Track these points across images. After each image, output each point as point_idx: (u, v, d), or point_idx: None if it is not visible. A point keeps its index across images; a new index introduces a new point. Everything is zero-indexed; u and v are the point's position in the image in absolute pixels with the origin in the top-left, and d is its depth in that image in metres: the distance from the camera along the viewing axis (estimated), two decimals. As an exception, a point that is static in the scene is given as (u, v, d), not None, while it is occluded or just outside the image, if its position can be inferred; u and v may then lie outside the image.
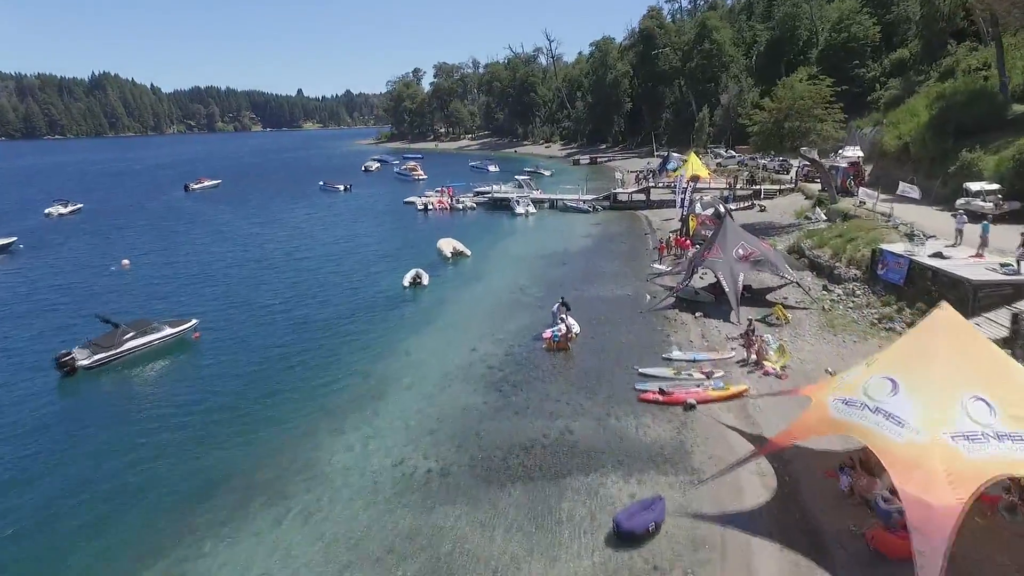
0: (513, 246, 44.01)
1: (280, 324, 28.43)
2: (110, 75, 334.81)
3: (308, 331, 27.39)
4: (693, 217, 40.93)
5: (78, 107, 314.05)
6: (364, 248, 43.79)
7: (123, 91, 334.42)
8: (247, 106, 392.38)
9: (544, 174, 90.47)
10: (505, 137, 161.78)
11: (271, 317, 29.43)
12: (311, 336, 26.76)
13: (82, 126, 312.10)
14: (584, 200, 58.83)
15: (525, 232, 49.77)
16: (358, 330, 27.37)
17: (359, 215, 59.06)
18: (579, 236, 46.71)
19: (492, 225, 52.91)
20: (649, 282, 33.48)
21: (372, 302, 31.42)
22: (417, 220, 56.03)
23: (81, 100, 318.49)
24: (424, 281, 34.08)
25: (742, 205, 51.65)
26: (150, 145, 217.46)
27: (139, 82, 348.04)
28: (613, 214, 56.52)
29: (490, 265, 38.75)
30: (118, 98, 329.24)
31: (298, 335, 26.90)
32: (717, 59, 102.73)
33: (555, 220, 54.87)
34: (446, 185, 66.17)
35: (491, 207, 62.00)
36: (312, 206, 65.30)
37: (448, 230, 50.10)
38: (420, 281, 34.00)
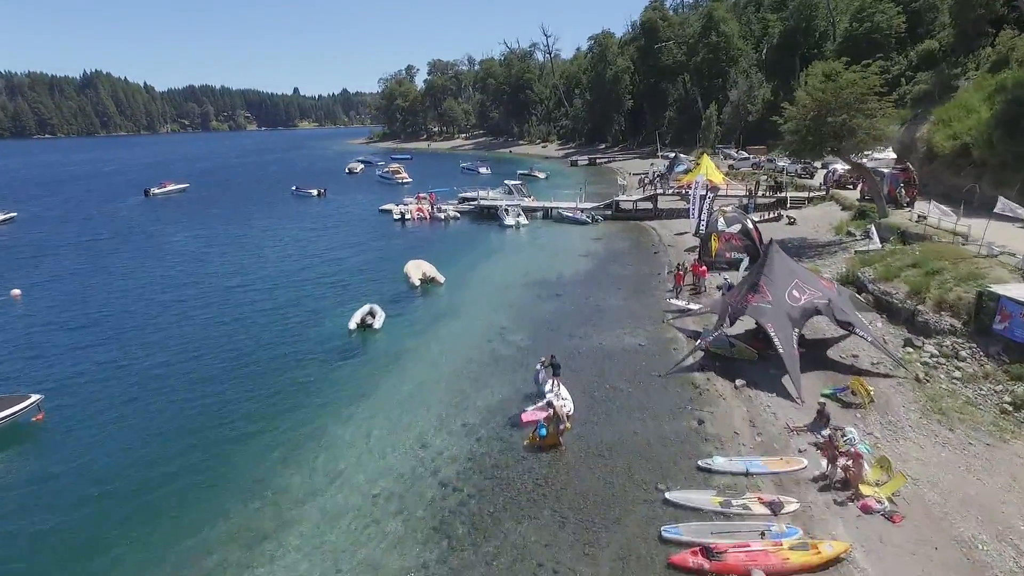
0: (497, 269, 36.17)
1: (166, 400, 20.47)
2: (102, 73, 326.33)
3: (194, 419, 19.06)
4: (716, 236, 33.09)
5: (68, 106, 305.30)
6: (318, 272, 35.92)
7: (115, 90, 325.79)
8: (242, 105, 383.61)
9: (538, 176, 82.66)
10: (500, 136, 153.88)
11: (159, 385, 21.46)
12: (195, 429, 18.38)
13: (72, 125, 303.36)
14: (582, 209, 50.99)
15: (513, 249, 41.96)
16: (262, 413, 19.10)
17: (326, 226, 51.20)
18: (576, 255, 38.90)
19: (476, 239, 45.08)
20: (666, 324, 25.75)
21: (300, 359, 23.50)
22: (391, 232, 48.20)
23: (72, 99, 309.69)
24: (376, 323, 26.25)
25: (766, 216, 43.84)
26: (137, 145, 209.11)
27: (132, 81, 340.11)
28: (616, 225, 48.71)
29: (465, 296, 30.96)
30: (110, 97, 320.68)
31: (180, 422, 18.86)
32: (725, 53, 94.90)
33: (549, 233, 47.05)
34: (428, 191, 58.34)
35: (477, 216, 54.21)
36: (277, 215, 57.44)
37: (423, 246, 42.31)
38: (371, 323, 26.19)
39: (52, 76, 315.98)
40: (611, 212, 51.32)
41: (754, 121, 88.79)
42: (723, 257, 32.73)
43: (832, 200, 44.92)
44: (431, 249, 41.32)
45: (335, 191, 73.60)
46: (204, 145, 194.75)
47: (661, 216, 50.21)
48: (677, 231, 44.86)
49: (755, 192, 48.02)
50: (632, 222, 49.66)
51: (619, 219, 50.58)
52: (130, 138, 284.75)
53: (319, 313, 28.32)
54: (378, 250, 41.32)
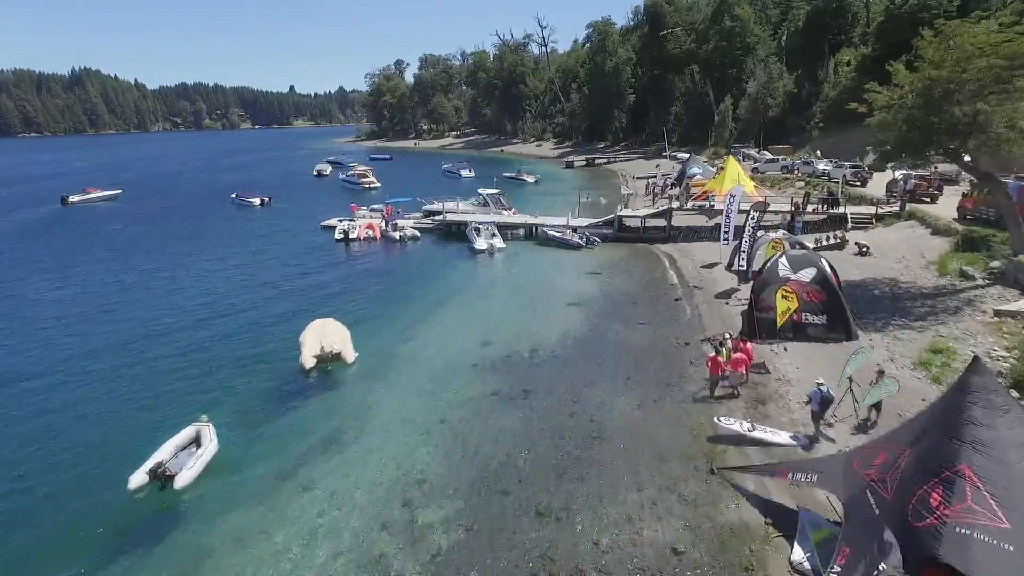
0: (445, 331, 23.91)
1: None
2: (91, 71, 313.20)
3: None
4: (783, 288, 20.74)
5: (55, 104, 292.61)
6: (169, 345, 23.15)
7: (104, 87, 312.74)
8: (236, 103, 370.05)
9: (527, 180, 70.42)
10: (493, 134, 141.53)
11: None
12: None
13: (60, 124, 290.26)
14: (575, 228, 38.79)
15: (478, 290, 29.65)
16: None
17: (248, 250, 38.94)
18: (563, 303, 26.66)
19: (431, 272, 32.88)
20: (718, 476, 13.64)
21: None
22: (324, 259, 35.95)
23: (59, 97, 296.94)
24: (187, 473, 14.05)
25: (822, 243, 31.67)
26: (116, 144, 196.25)
27: (123, 78, 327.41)
28: (618, 250, 36.49)
29: (377, 394, 18.75)
30: (99, 95, 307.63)
31: None
32: (739, 40, 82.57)
33: (530, 262, 34.84)
34: (384, 202, 46.07)
35: (444, 235, 42.04)
36: (199, 233, 45.22)
37: (356, 285, 30.13)
38: (169, 471, 14.04)
39: (40, 73, 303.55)
40: (612, 231, 39.15)
41: (774, 117, 76.48)
42: (794, 327, 20.55)
43: (912, 219, 32.70)
44: (364, 291, 29.14)
45: (287, 198, 61.38)
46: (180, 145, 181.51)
47: (677, 237, 38.03)
48: (702, 260, 32.65)
49: (803, 207, 35.74)
50: (640, 245, 37.47)
51: (622, 240, 38.43)
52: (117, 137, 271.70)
53: (106, 450, 15.93)
54: (291, 294, 29.01)
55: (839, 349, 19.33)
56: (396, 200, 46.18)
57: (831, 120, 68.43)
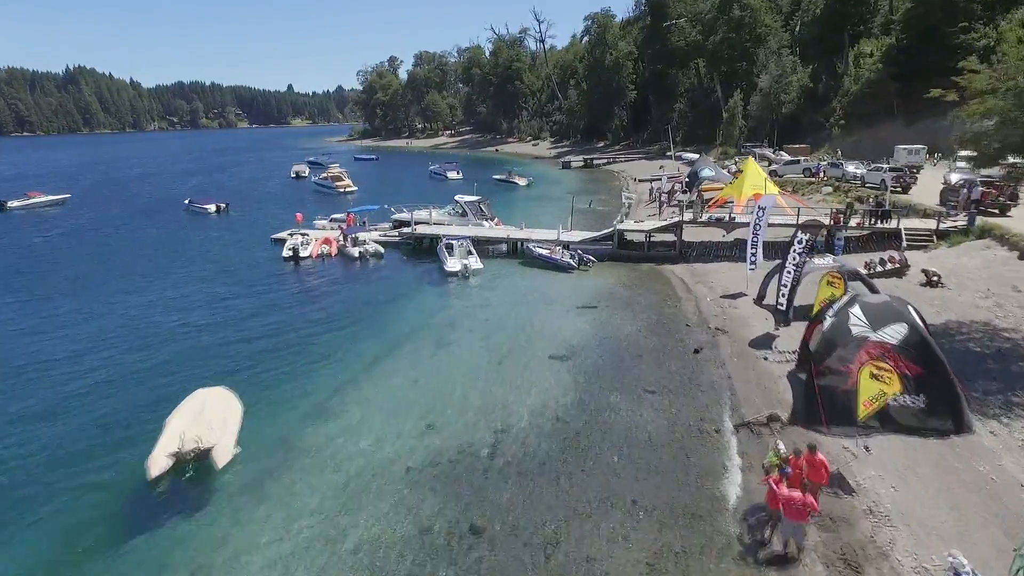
0: (377, 405, 17.03)
1: None
2: (85, 69, 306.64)
3: None
4: (875, 363, 13.87)
5: (49, 103, 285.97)
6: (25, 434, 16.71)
7: (99, 86, 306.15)
8: (233, 102, 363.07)
9: (518, 184, 63.63)
10: (488, 133, 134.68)
11: None
12: None
13: (53, 123, 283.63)
14: (567, 245, 32.01)
15: (436, 336, 22.58)
16: None
17: (166, 272, 32.01)
18: (545, 357, 19.77)
19: (385, 306, 26.05)
20: None
21: None
22: (257, 287, 29.07)
23: (53, 96, 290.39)
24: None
25: (876, 268, 24.86)
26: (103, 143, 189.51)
27: (118, 77, 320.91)
28: (618, 272, 29.68)
29: (245, 528, 12.03)
30: (93, 93, 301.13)
31: None
32: (749, 31, 75.61)
33: (510, 289, 28.02)
34: (348, 210, 39.23)
35: (413, 251, 35.29)
36: (123, 247, 38.54)
37: (283, 324, 23.37)
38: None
39: (34, 72, 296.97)
40: (611, 247, 32.35)
41: (789, 113, 69.58)
42: (899, 419, 13.78)
43: (986, 237, 25.89)
44: (291, 334, 22.33)
45: (250, 204, 54.69)
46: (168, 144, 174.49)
47: (689, 256, 31.22)
48: (723, 288, 25.86)
49: (845, 219, 28.84)
50: (644, 266, 30.66)
51: (623, 259, 31.62)
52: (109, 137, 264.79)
53: None
54: (193, 339, 22.15)
55: (955, 457, 12.59)
56: (361, 208, 39.44)
57: (853, 117, 61.64)
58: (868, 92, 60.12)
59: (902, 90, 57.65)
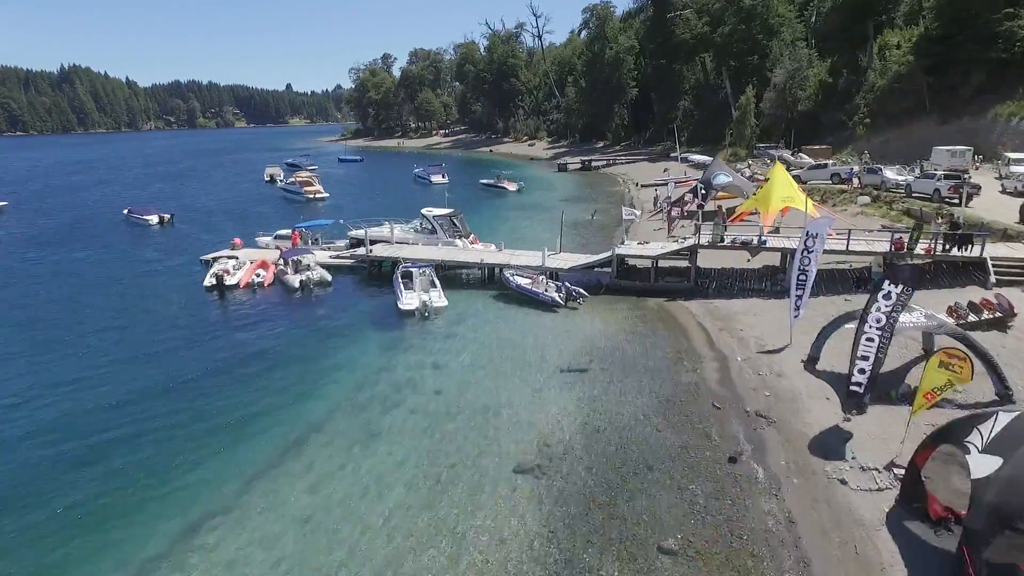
0: (250, 560, 10.60)
1: None
2: (80, 68, 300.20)
3: None
4: None
5: (42, 102, 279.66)
6: None
7: (94, 85, 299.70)
8: (230, 101, 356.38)
9: (508, 189, 56.92)
10: (483, 133, 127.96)
11: None
12: None
13: (47, 122, 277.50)
14: (553, 276, 25.39)
15: (364, 422, 15.67)
16: None
17: (54, 306, 25.63)
18: (509, 471, 13.20)
19: (306, 364, 19.41)
20: None
21: None
22: (158, 332, 22.44)
23: (46, 95, 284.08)
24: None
25: (969, 315, 18.16)
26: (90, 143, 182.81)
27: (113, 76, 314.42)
28: (617, 312, 22.97)
29: None
30: (88, 92, 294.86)
31: None
32: (762, 22, 68.75)
33: (477, 338, 21.34)
34: (294, 226, 32.51)
35: (367, 278, 28.68)
36: (28, 269, 32.06)
37: (153, 402, 16.76)
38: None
39: (28, 71, 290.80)
40: (609, 275, 25.69)
41: (805, 111, 62.75)
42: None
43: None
44: (150, 422, 15.74)
45: (202, 214, 48.12)
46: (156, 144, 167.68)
47: (707, 288, 24.54)
48: (756, 338, 19.20)
49: (911, 245, 22.08)
50: (651, 302, 23.96)
51: (624, 292, 24.94)
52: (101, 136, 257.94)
53: None
54: (20, 428, 15.77)
55: None
56: (312, 224, 32.83)
57: (879, 115, 54.92)
58: (897, 87, 53.44)
59: (935, 84, 51.04)
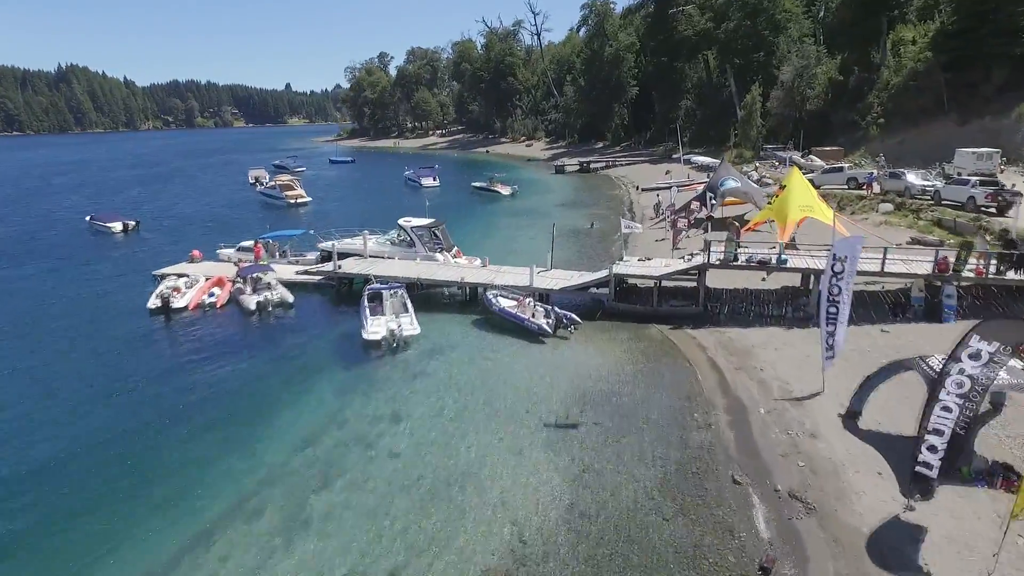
0: None
1: None
2: (78, 67, 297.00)
3: None
4: None
5: (39, 102, 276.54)
6: None
7: (91, 85, 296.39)
8: (229, 101, 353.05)
9: (501, 193, 53.69)
10: (481, 133, 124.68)
11: None
12: None
13: (43, 122, 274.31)
14: (542, 298, 22.18)
15: (298, 498, 12.59)
16: None
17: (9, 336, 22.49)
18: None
19: (242, 416, 16.20)
20: None
21: None
22: (82, 366, 19.35)
23: (43, 94, 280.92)
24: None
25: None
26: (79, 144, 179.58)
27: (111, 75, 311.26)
28: (615, 343, 19.74)
29: None
30: (86, 92, 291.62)
31: None
32: (768, 17, 65.46)
33: (452, 375, 18.12)
34: (258, 237, 29.24)
35: (335, 299, 25.47)
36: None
37: (35, 479, 13.54)
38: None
39: (25, 70, 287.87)
40: (606, 296, 22.47)
41: (814, 110, 59.44)
42: None
43: None
44: (45, 486, 12.61)
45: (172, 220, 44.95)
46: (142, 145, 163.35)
47: (718, 314, 21.28)
48: (779, 377, 15.94)
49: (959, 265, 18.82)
50: (652, 329, 20.71)
51: (622, 317, 21.69)
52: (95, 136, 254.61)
53: None
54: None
55: None
56: (278, 234, 29.60)
57: (894, 114, 51.62)
58: (913, 85, 50.19)
59: (953, 81, 47.81)
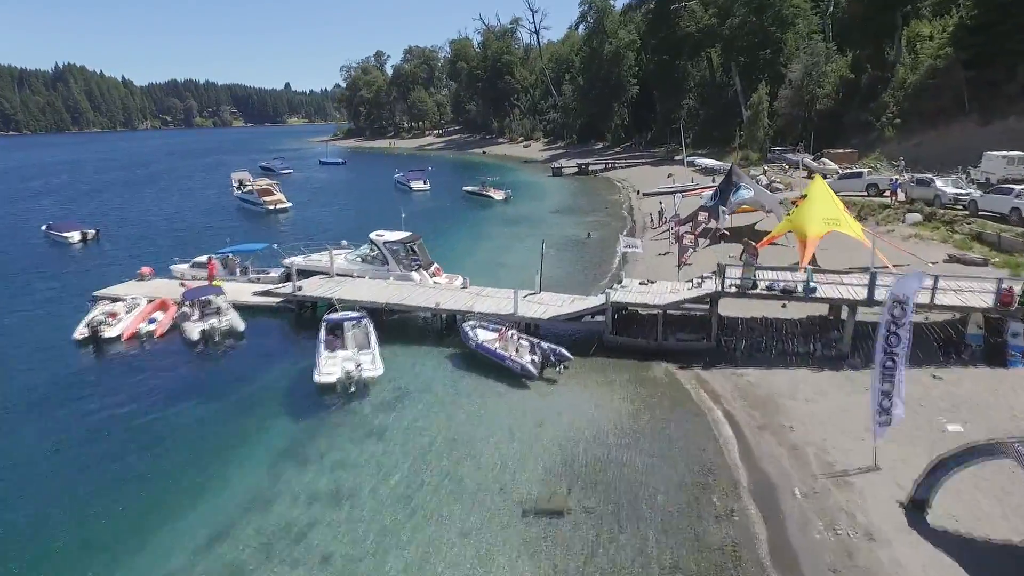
0: None
1: None
2: (75, 67, 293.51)
3: None
4: None
5: (36, 101, 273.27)
6: None
7: (89, 84, 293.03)
8: (228, 100, 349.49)
9: (494, 198, 50.44)
10: (478, 133, 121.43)
11: None
12: None
13: (40, 121, 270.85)
14: (529, 329, 18.96)
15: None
16: None
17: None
18: None
19: (130, 509, 13.06)
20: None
21: None
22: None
23: (40, 94, 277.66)
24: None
25: None
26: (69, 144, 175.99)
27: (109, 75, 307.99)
28: (611, 387, 16.54)
29: None
30: (83, 91, 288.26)
31: None
32: (775, 12, 62.15)
33: (412, 434, 14.98)
34: (216, 253, 26.00)
35: (295, 325, 22.26)
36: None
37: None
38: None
39: (22, 69, 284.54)
40: (604, 327, 19.24)
41: (824, 110, 56.14)
42: None
43: None
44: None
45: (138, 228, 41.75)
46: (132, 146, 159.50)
47: (734, 351, 18.03)
48: (817, 449, 12.63)
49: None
50: (657, 367, 17.49)
51: (621, 352, 18.46)
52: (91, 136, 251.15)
53: None
54: None
55: None
56: (238, 248, 26.40)
57: (911, 114, 48.34)
58: (931, 83, 46.94)
59: (975, 79, 44.60)
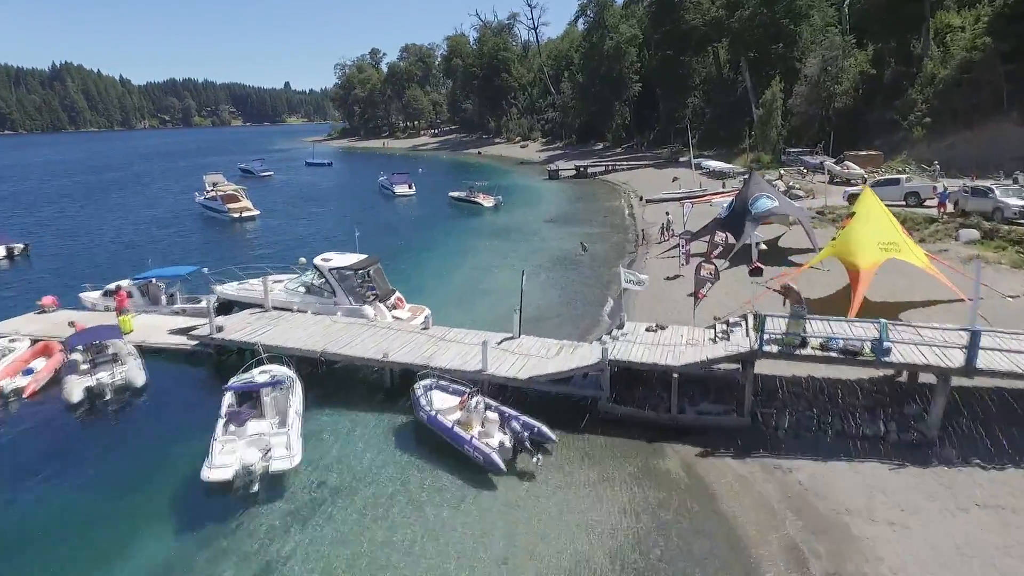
0: None
1: None
2: (72, 66, 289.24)
3: None
4: None
5: (32, 100, 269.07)
6: None
7: (86, 83, 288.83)
8: (226, 100, 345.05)
9: (483, 204, 45.70)
10: (474, 133, 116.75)
11: None
12: None
13: (36, 121, 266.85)
14: (496, 402, 14.28)
15: None
16: None
17: None
18: None
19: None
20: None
21: None
22: None
23: (36, 92, 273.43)
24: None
25: None
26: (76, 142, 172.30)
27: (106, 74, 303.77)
28: (610, 484, 11.82)
29: None
30: (80, 90, 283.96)
31: None
32: (787, 4, 57.34)
33: (334, 547, 10.41)
34: (130, 280, 21.40)
35: (215, 372, 17.65)
36: None
37: None
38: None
39: (18, 68, 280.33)
40: (602, 395, 14.57)
41: (843, 109, 51.35)
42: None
43: None
44: None
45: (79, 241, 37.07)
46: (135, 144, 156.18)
47: (774, 430, 13.27)
48: None
49: None
50: (671, 453, 12.84)
51: (621, 428, 13.80)
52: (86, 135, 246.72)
53: None
54: None
55: None
56: (164, 272, 21.76)
57: (941, 112, 43.57)
58: (965, 78, 42.21)
59: (1015, 74, 39.90)
